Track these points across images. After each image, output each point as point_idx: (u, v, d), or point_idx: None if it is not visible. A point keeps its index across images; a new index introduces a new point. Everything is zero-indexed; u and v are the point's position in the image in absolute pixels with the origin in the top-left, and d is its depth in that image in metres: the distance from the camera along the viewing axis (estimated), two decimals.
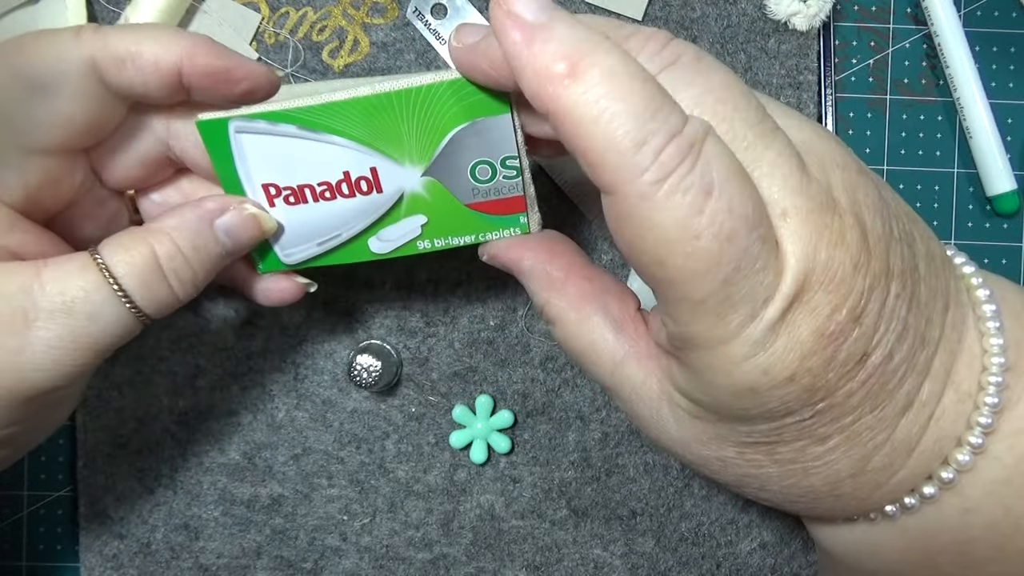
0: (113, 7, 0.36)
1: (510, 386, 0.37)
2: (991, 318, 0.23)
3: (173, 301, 0.26)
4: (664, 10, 0.36)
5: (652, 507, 0.37)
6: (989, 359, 0.23)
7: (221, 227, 0.26)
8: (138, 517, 0.37)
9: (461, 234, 0.27)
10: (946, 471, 0.23)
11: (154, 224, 0.26)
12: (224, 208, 0.26)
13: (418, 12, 0.36)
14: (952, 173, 0.37)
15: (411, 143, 0.25)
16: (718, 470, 0.24)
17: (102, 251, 0.25)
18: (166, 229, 0.25)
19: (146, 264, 0.25)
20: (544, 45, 0.19)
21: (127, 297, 0.24)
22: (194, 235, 0.26)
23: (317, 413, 0.37)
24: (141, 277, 0.25)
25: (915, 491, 0.23)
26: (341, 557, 0.37)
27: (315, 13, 0.36)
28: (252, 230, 0.26)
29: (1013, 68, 0.37)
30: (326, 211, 0.27)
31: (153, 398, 0.36)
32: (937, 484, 0.23)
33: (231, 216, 0.26)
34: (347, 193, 0.26)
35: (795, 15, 0.36)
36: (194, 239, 0.25)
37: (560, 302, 0.26)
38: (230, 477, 0.37)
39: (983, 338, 0.23)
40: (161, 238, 0.25)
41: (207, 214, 0.26)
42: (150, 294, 0.25)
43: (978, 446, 0.22)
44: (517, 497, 0.37)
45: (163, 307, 0.26)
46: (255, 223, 0.26)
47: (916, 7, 0.37)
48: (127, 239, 0.25)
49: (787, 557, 0.37)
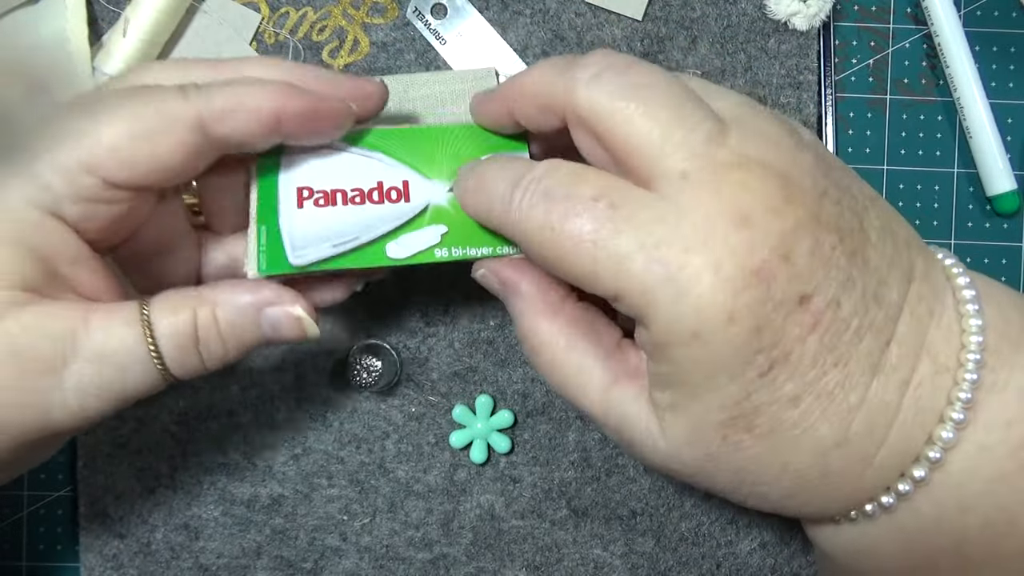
0: (113, 7, 0.36)
1: (510, 386, 0.37)
2: (970, 301, 0.24)
3: (200, 369, 0.26)
4: (664, 10, 0.36)
5: (652, 507, 0.37)
6: (968, 337, 0.23)
7: (267, 318, 0.27)
8: (138, 517, 0.37)
9: (479, 246, 0.28)
10: (933, 450, 0.23)
11: (205, 289, 0.26)
12: (275, 301, 0.27)
13: (418, 12, 0.36)
14: (952, 173, 0.37)
15: (443, 164, 0.29)
16: (712, 471, 0.24)
17: (152, 308, 0.25)
18: (214, 300, 0.26)
19: (185, 330, 0.25)
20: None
21: (159, 358, 0.25)
22: (238, 315, 0.26)
23: (317, 413, 0.37)
24: (177, 341, 0.25)
25: (905, 475, 0.23)
26: (341, 557, 0.37)
27: (315, 13, 0.36)
28: (295, 331, 0.27)
29: (1013, 68, 0.37)
30: (351, 215, 0.28)
31: (153, 398, 0.36)
32: (926, 465, 0.23)
33: (279, 312, 0.27)
34: (376, 200, 0.28)
35: (795, 15, 0.36)
36: (236, 319, 0.26)
37: (552, 327, 0.26)
38: (230, 477, 0.37)
39: (962, 319, 0.24)
40: (205, 308, 0.26)
41: (257, 301, 0.26)
42: (181, 359, 0.26)
43: (960, 422, 0.23)
44: (517, 497, 0.37)
45: (190, 372, 0.26)
46: (299, 327, 0.27)
47: (916, 7, 0.37)
48: (176, 300, 0.26)
49: (787, 557, 0.37)
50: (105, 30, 0.36)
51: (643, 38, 0.36)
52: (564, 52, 0.36)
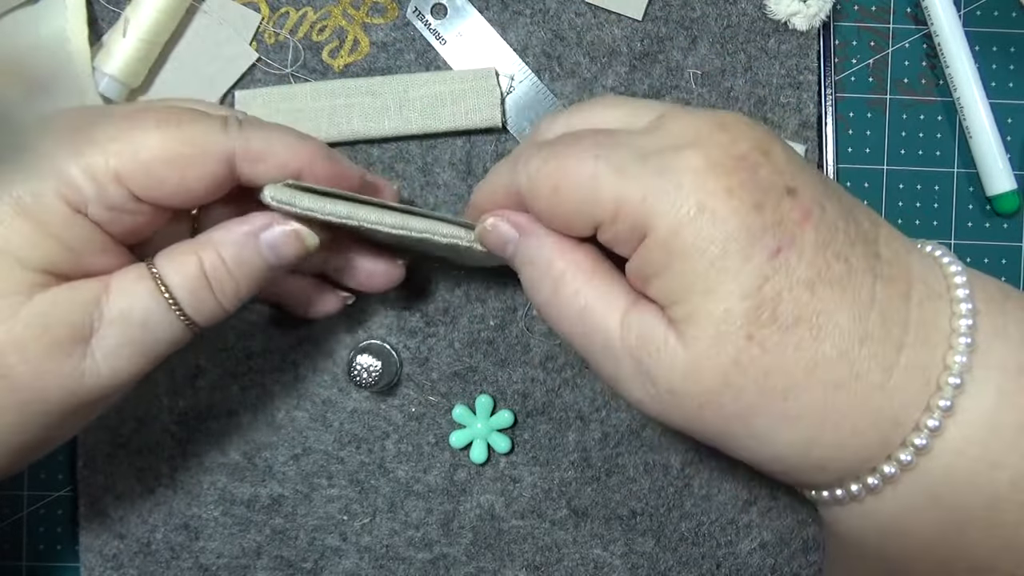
0: (113, 7, 0.36)
1: (510, 386, 0.37)
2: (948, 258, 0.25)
3: (219, 311, 0.28)
4: (664, 10, 0.36)
5: (652, 507, 0.37)
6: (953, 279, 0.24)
7: (265, 241, 0.28)
8: (138, 517, 0.37)
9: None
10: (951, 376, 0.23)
11: (203, 236, 0.27)
12: (269, 224, 0.28)
13: (418, 12, 0.36)
14: (952, 173, 0.37)
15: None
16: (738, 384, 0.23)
17: (157, 262, 0.27)
18: (213, 242, 0.27)
19: (195, 275, 0.27)
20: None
21: (177, 306, 0.26)
22: (239, 248, 0.27)
23: (317, 413, 0.37)
24: (190, 287, 0.26)
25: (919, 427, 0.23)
26: (341, 557, 0.37)
27: (315, 13, 0.36)
28: (294, 245, 0.28)
29: (1013, 68, 0.37)
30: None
31: (153, 398, 0.36)
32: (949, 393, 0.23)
33: (276, 232, 0.28)
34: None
35: (795, 15, 0.36)
36: (239, 252, 0.27)
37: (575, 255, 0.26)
38: (230, 477, 0.37)
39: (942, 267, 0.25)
40: (208, 250, 0.27)
41: (253, 229, 0.27)
42: (198, 303, 0.27)
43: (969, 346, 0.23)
44: (517, 497, 0.37)
45: (210, 317, 0.27)
46: (297, 239, 0.28)
47: (916, 7, 0.37)
48: (179, 251, 0.27)
49: (787, 557, 0.37)
50: (105, 30, 0.36)
51: (643, 38, 0.36)
52: (564, 52, 0.36)
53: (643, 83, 0.36)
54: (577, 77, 0.36)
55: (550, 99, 0.36)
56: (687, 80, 0.36)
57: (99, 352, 0.26)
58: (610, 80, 0.36)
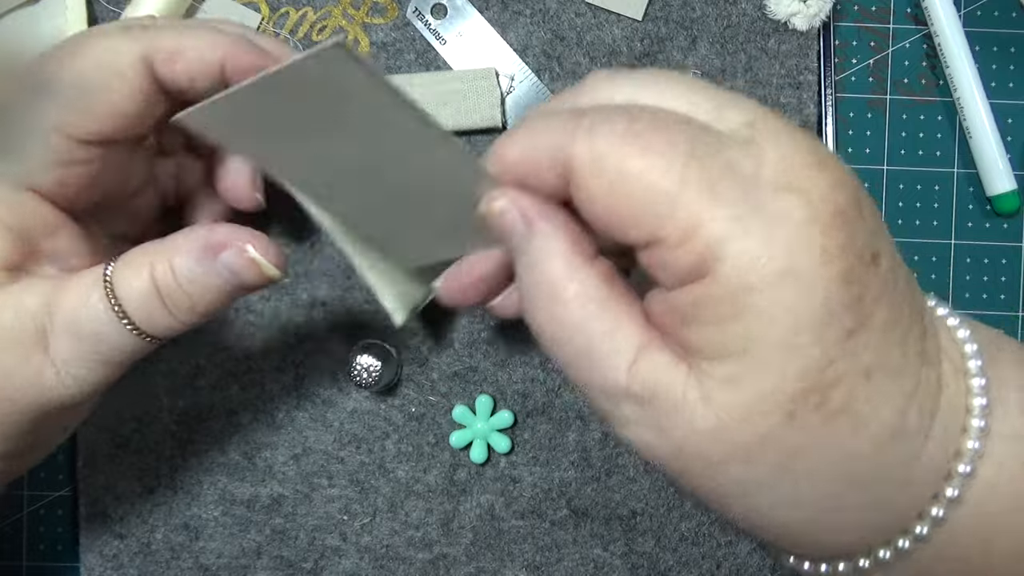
0: (113, 7, 0.36)
1: (510, 386, 0.37)
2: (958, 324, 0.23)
3: (176, 326, 0.26)
4: (664, 10, 0.36)
5: (652, 507, 0.37)
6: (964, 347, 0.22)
7: (223, 264, 0.25)
8: (138, 517, 0.37)
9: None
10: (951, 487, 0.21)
11: (165, 243, 0.26)
12: (228, 243, 0.25)
13: (418, 12, 0.36)
14: (952, 173, 0.37)
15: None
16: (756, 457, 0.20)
17: (115, 268, 0.25)
18: (170, 251, 0.25)
19: (146, 288, 0.25)
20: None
21: (128, 320, 0.25)
22: (194, 264, 0.25)
23: (317, 413, 0.37)
24: (141, 300, 0.25)
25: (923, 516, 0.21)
26: (341, 557, 0.37)
27: (315, 13, 0.36)
28: (253, 274, 0.26)
29: (1013, 68, 0.37)
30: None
31: (153, 398, 0.36)
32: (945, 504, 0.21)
33: (232, 255, 0.25)
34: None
35: (795, 15, 0.36)
36: (193, 268, 0.25)
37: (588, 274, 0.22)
38: (230, 477, 0.37)
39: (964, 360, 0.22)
40: (162, 263, 0.25)
41: (211, 247, 0.25)
42: (149, 317, 0.25)
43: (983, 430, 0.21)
44: (517, 497, 0.37)
45: (166, 330, 0.26)
46: (256, 270, 0.26)
47: (916, 7, 0.37)
48: (136, 258, 0.25)
49: None
50: None
51: (643, 38, 0.36)
52: (564, 52, 0.36)
53: None
54: (577, 77, 0.36)
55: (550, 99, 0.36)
56: None
57: (59, 360, 0.25)
58: None
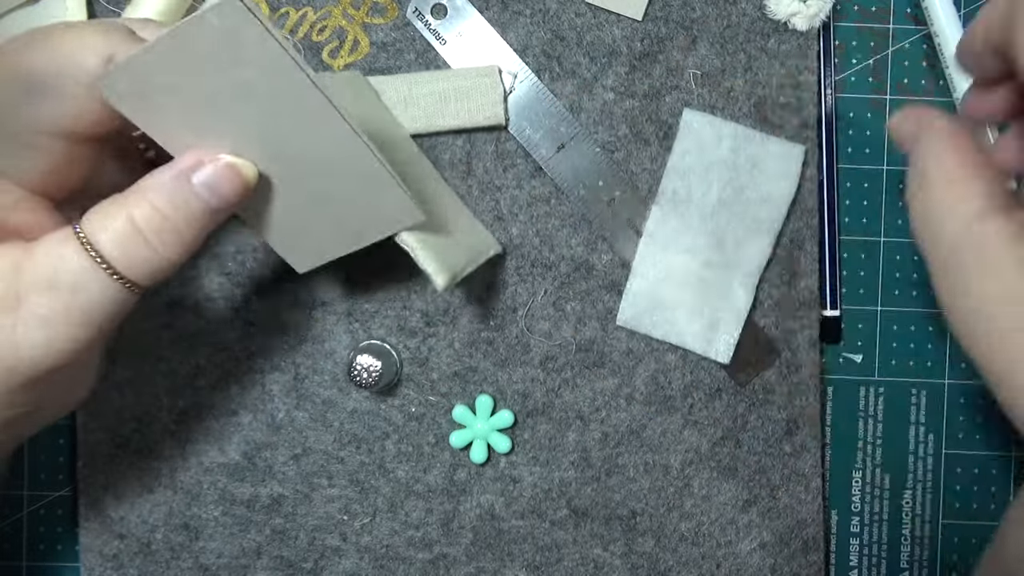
0: (113, 7, 0.36)
1: (510, 386, 0.37)
2: None
3: (162, 264, 0.25)
4: (664, 10, 0.36)
5: (652, 507, 0.37)
6: None
7: (199, 182, 0.25)
8: (138, 517, 0.37)
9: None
10: None
11: (133, 188, 0.25)
12: (199, 163, 0.25)
13: (418, 12, 0.36)
14: None
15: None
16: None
17: (84, 221, 0.25)
18: (144, 191, 0.25)
19: (125, 230, 0.24)
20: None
21: (108, 265, 0.24)
22: (172, 194, 0.25)
23: (317, 413, 0.37)
24: (120, 244, 0.24)
25: None
26: (341, 557, 0.37)
27: (315, 13, 0.36)
28: (232, 181, 0.26)
29: None
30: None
31: (153, 398, 0.36)
32: None
33: (208, 170, 0.25)
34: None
35: (795, 15, 0.36)
36: (172, 198, 0.25)
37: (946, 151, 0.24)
38: (230, 477, 0.37)
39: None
40: (139, 202, 0.25)
41: (182, 172, 0.25)
42: (131, 260, 0.25)
43: None
44: (517, 497, 0.37)
45: (150, 271, 0.25)
46: (234, 173, 0.26)
47: (916, 7, 0.37)
48: (108, 207, 0.25)
49: (787, 557, 0.37)
50: None
51: (643, 38, 0.36)
52: (564, 52, 0.36)
53: (643, 83, 0.36)
54: (577, 77, 0.36)
55: (550, 99, 0.36)
56: (687, 80, 0.36)
57: (32, 321, 0.24)
58: (610, 80, 0.36)
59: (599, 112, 0.36)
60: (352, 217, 0.29)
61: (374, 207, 0.29)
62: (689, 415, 0.37)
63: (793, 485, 0.37)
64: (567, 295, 0.37)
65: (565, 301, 0.37)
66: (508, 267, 0.36)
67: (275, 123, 0.25)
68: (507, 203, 0.36)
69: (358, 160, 0.27)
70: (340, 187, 0.28)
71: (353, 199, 0.28)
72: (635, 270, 0.36)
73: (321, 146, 0.26)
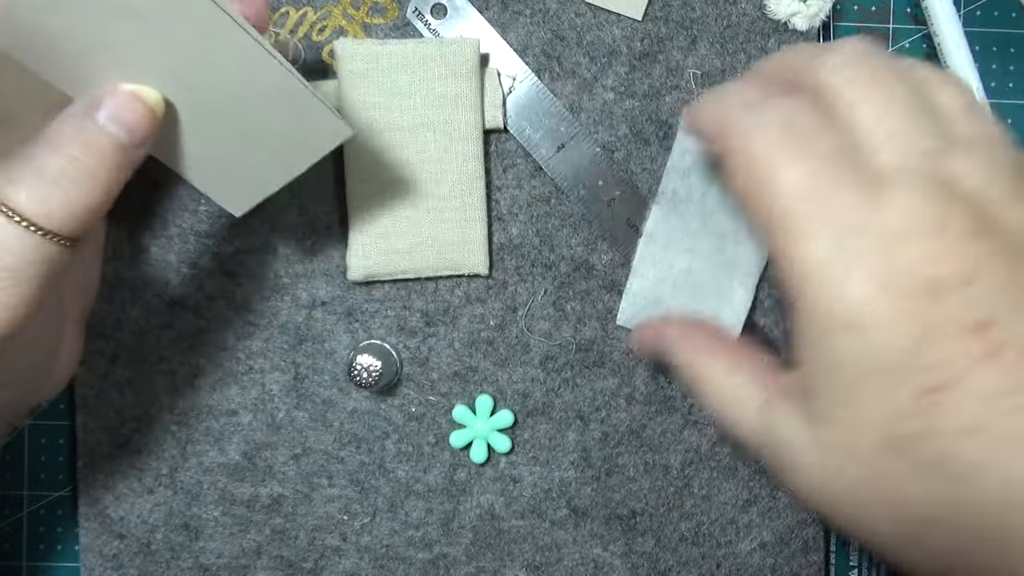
0: None
1: (510, 386, 0.37)
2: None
3: (83, 211, 0.24)
4: (664, 10, 0.36)
5: (652, 507, 0.37)
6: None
7: (104, 118, 0.24)
8: (138, 517, 0.37)
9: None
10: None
11: (39, 138, 0.25)
12: (99, 98, 0.25)
13: (418, 12, 0.36)
14: None
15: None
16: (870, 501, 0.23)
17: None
18: (50, 138, 0.24)
19: (35, 179, 0.24)
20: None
21: (26, 220, 0.24)
22: (78, 134, 0.24)
23: (317, 413, 0.37)
24: (36, 196, 0.24)
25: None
26: (341, 557, 0.37)
27: (315, 13, 0.36)
28: (136, 110, 0.25)
29: (1013, 68, 0.37)
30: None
31: (153, 398, 0.36)
32: None
33: (109, 103, 0.24)
34: None
35: (795, 15, 0.36)
36: (79, 138, 0.24)
37: (709, 360, 0.28)
38: (230, 477, 0.37)
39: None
40: (46, 148, 0.24)
41: (84, 111, 0.25)
42: (50, 211, 0.24)
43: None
44: (517, 497, 0.37)
45: (72, 220, 0.24)
46: (136, 100, 0.25)
47: (916, 7, 0.37)
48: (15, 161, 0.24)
49: (787, 557, 0.37)
50: None
51: (643, 38, 0.36)
52: (564, 52, 0.36)
53: (643, 83, 0.36)
54: (577, 77, 0.36)
55: (550, 99, 0.36)
56: (687, 80, 0.36)
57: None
58: (610, 80, 0.36)
59: (599, 112, 0.36)
60: (277, 145, 0.27)
61: (297, 129, 0.27)
62: (689, 415, 0.37)
63: None
64: (567, 295, 0.37)
65: (565, 301, 0.37)
66: (508, 267, 0.36)
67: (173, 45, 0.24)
68: (507, 203, 0.36)
69: (269, 77, 0.25)
70: (256, 112, 0.26)
71: (273, 124, 0.26)
72: (635, 270, 0.36)
73: (227, 67, 0.24)
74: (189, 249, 0.36)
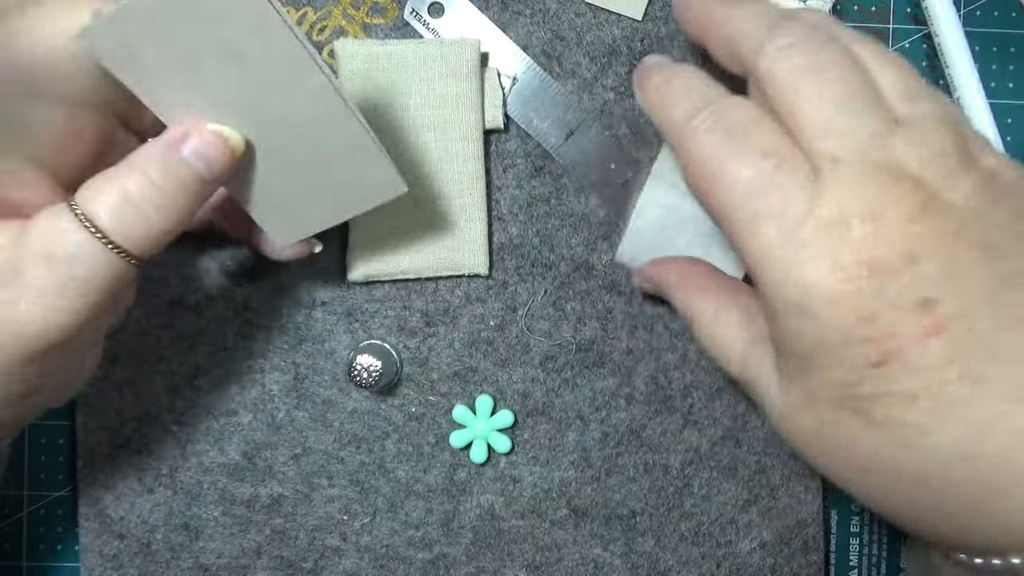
0: None
1: (510, 386, 0.37)
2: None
3: (157, 233, 0.26)
4: (664, 10, 0.36)
5: (652, 507, 0.37)
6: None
7: (188, 151, 0.26)
8: (138, 517, 0.37)
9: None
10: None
11: (124, 161, 0.26)
12: (186, 134, 0.26)
13: (415, 13, 0.36)
14: None
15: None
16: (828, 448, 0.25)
17: (78, 194, 0.25)
18: (135, 162, 0.26)
19: (119, 201, 0.25)
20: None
21: (103, 236, 0.25)
22: (163, 163, 0.26)
23: (317, 413, 0.37)
24: (115, 215, 0.25)
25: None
26: (341, 557, 0.37)
27: (315, 13, 0.36)
28: (219, 148, 0.26)
29: (1013, 68, 0.37)
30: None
31: (153, 398, 0.36)
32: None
33: (195, 139, 0.26)
34: None
35: None
36: (164, 167, 0.26)
37: (701, 301, 0.30)
38: (230, 477, 0.37)
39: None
40: (132, 173, 0.25)
41: (171, 142, 0.26)
42: (126, 230, 0.25)
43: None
44: (517, 497, 0.37)
45: (146, 241, 0.26)
46: (220, 140, 0.26)
47: (916, 7, 0.37)
48: (101, 180, 0.25)
49: (787, 557, 0.37)
50: None
51: (643, 38, 0.36)
52: (564, 52, 0.36)
53: None
54: (577, 77, 0.36)
55: (555, 88, 0.36)
56: None
57: (31, 295, 0.24)
58: (610, 80, 0.36)
59: (599, 112, 0.36)
60: (334, 189, 0.29)
61: (357, 177, 0.28)
62: (689, 415, 0.37)
63: (793, 485, 0.37)
64: (567, 295, 0.37)
65: (565, 301, 0.37)
66: (508, 267, 0.36)
67: (260, 86, 0.25)
68: (507, 203, 0.36)
69: (343, 127, 0.27)
70: (323, 156, 0.28)
71: (336, 169, 0.28)
72: (639, 209, 0.34)
73: (305, 111, 0.26)
74: (189, 249, 0.36)
